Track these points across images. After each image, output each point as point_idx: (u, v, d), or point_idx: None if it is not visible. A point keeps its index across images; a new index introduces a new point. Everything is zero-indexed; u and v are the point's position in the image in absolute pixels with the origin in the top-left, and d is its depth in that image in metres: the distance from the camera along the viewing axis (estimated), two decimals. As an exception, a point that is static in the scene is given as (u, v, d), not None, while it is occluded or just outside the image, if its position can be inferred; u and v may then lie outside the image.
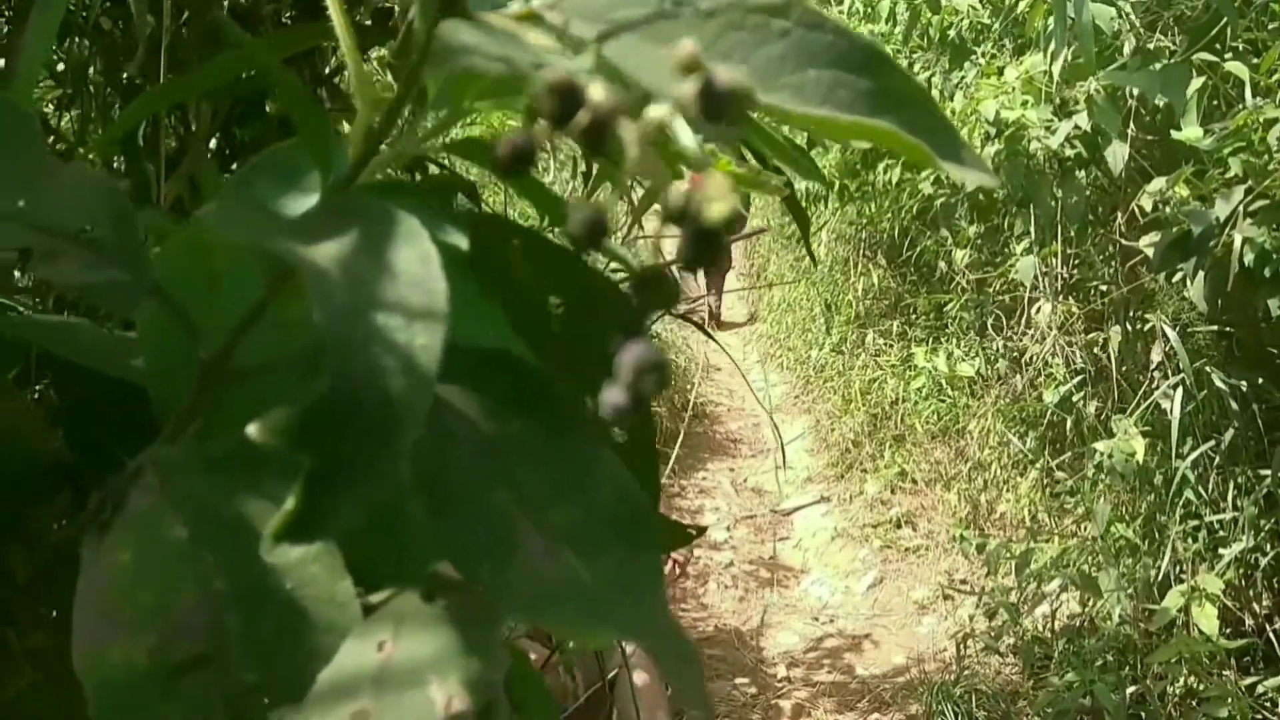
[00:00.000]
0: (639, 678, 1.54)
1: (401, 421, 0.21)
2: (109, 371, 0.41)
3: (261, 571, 0.27)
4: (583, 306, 0.34)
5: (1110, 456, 2.46)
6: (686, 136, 0.37)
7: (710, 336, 0.91)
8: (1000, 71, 2.53)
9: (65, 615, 0.55)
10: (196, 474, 0.29)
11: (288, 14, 0.87)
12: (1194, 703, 2.27)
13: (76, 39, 0.86)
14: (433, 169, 0.86)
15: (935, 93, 2.89)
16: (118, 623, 0.25)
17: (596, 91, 0.19)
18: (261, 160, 0.32)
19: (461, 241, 0.27)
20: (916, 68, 3.06)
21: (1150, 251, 2.23)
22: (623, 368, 0.17)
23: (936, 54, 3.05)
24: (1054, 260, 2.74)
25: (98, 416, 0.49)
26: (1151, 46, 2.07)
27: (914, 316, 3.98)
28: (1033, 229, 2.73)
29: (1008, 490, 3.11)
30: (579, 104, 0.18)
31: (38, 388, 0.66)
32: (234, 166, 0.84)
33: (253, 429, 0.20)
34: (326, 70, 0.91)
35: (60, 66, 0.89)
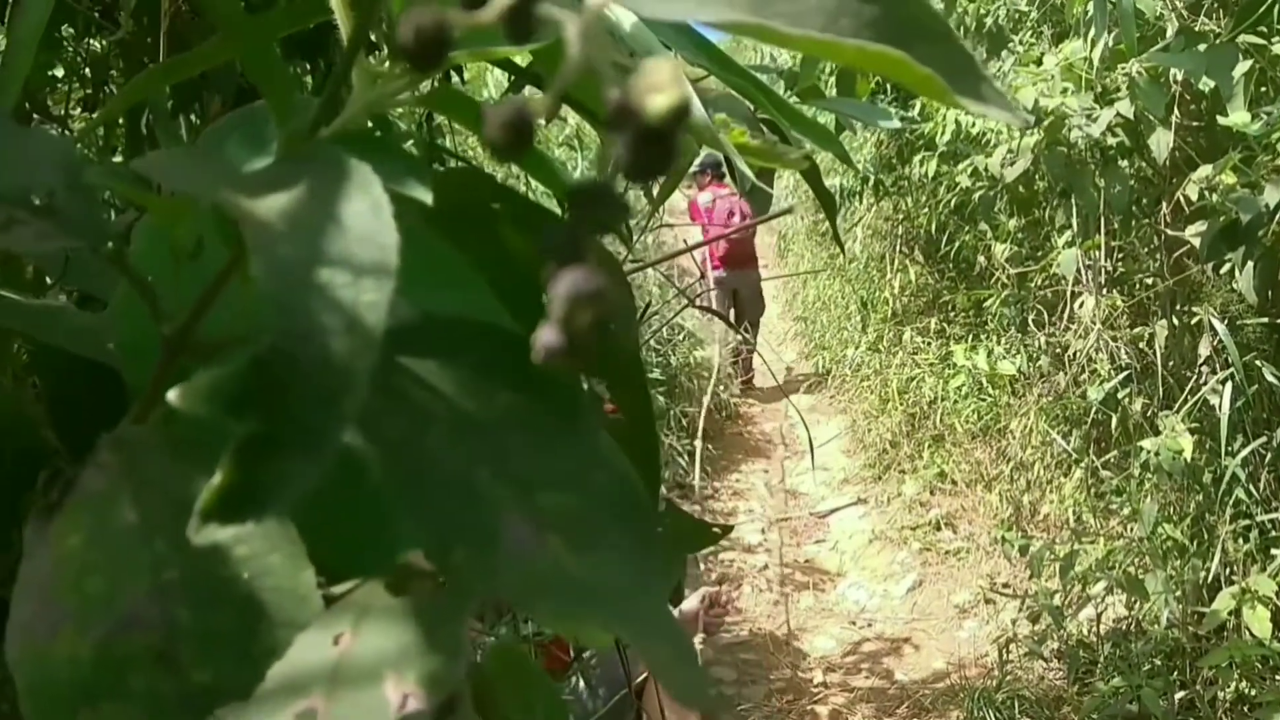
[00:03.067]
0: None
1: (344, 384, 0.19)
2: (91, 356, 0.40)
3: (217, 561, 0.25)
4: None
5: (1157, 455, 2.38)
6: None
7: (736, 327, 0.88)
8: (1039, 59, 2.46)
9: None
10: (159, 456, 0.27)
11: None
12: (1245, 709, 2.19)
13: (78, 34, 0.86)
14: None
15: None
16: (62, 613, 0.23)
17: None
18: (230, 120, 0.30)
19: (425, 197, 0.24)
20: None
21: (1197, 242, 2.15)
22: (556, 300, 0.14)
23: (973, 43, 2.99)
24: (1097, 253, 2.66)
25: (81, 403, 0.47)
26: (1195, 28, 2.00)
27: (952, 313, 3.90)
28: (1074, 221, 2.66)
29: (1051, 491, 3.03)
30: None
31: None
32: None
33: (173, 394, 0.18)
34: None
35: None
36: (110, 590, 0.24)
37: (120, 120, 0.70)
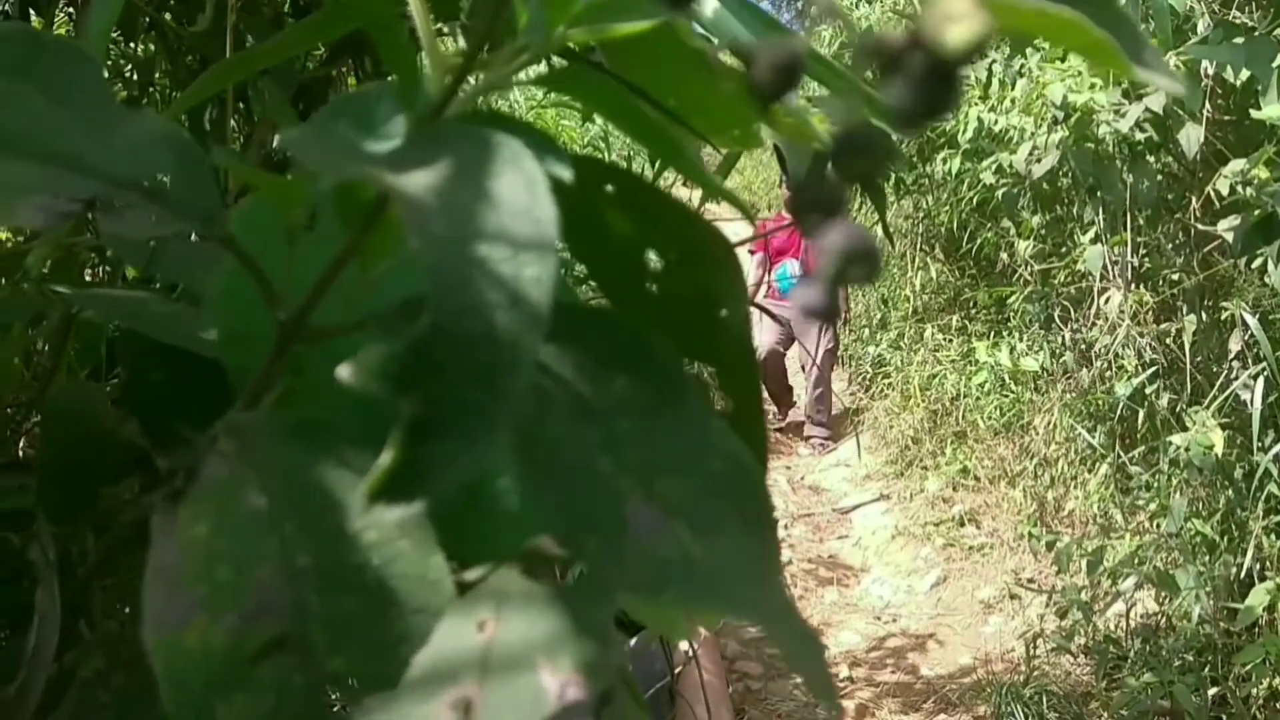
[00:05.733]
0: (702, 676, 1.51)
1: (509, 361, 0.18)
2: (178, 343, 0.40)
3: (346, 547, 0.25)
4: (688, 263, 0.31)
5: (1187, 450, 2.36)
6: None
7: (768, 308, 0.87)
8: (1066, 53, 2.44)
9: (133, 599, 0.54)
10: (277, 441, 0.26)
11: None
12: (1279, 705, 2.17)
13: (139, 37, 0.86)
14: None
15: (997, 79, 2.81)
16: (193, 602, 0.23)
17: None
18: (339, 103, 0.29)
19: (565, 174, 0.24)
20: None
21: (1229, 236, 2.13)
22: (824, 255, 0.14)
23: (998, 37, 2.96)
24: (1123, 248, 2.64)
25: (167, 397, 0.47)
26: (1230, 20, 1.97)
27: (974, 311, 3.88)
28: (1100, 217, 2.63)
29: (1076, 487, 3.00)
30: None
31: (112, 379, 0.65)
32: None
33: (343, 370, 0.18)
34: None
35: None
36: (239, 578, 0.23)
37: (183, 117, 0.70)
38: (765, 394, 3.97)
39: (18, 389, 0.65)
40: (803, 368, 4.38)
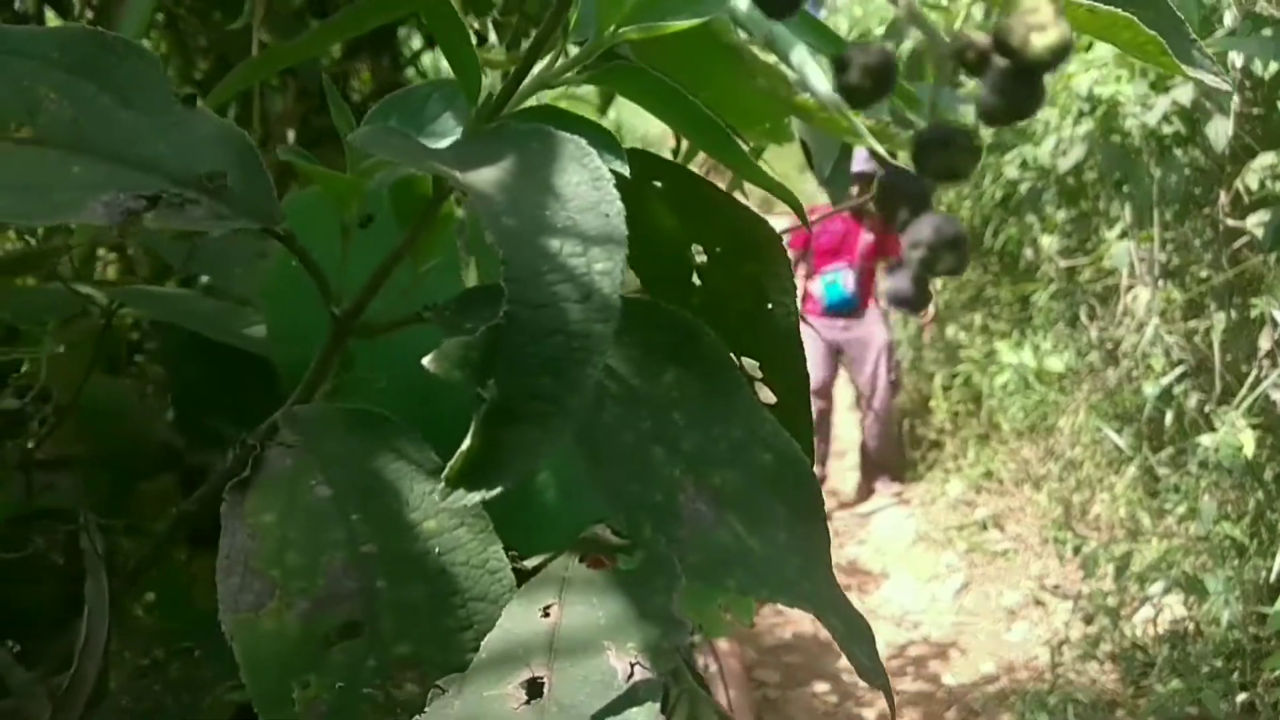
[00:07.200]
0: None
1: (582, 353, 0.19)
2: (218, 338, 0.40)
3: (408, 535, 0.25)
4: (731, 255, 0.31)
5: (1216, 451, 2.33)
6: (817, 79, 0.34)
7: (809, 324, 0.87)
8: (1089, 45, 2.42)
9: (172, 595, 0.54)
10: (337, 432, 0.27)
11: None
12: (1309, 712, 2.14)
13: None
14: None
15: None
16: (266, 586, 0.24)
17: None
18: (389, 101, 0.30)
19: (623, 169, 0.24)
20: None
21: (1259, 232, 2.10)
22: (913, 245, 0.14)
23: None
24: (1150, 244, 2.62)
25: (203, 393, 0.48)
26: (1258, 12, 1.96)
27: (997, 309, 3.85)
28: (1127, 212, 2.61)
29: (1102, 490, 2.97)
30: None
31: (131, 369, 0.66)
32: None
33: (428, 361, 0.18)
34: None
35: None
36: (310, 565, 0.24)
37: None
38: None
39: (59, 386, 0.67)
40: (857, 402, 3.53)
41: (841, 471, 4.07)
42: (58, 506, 0.52)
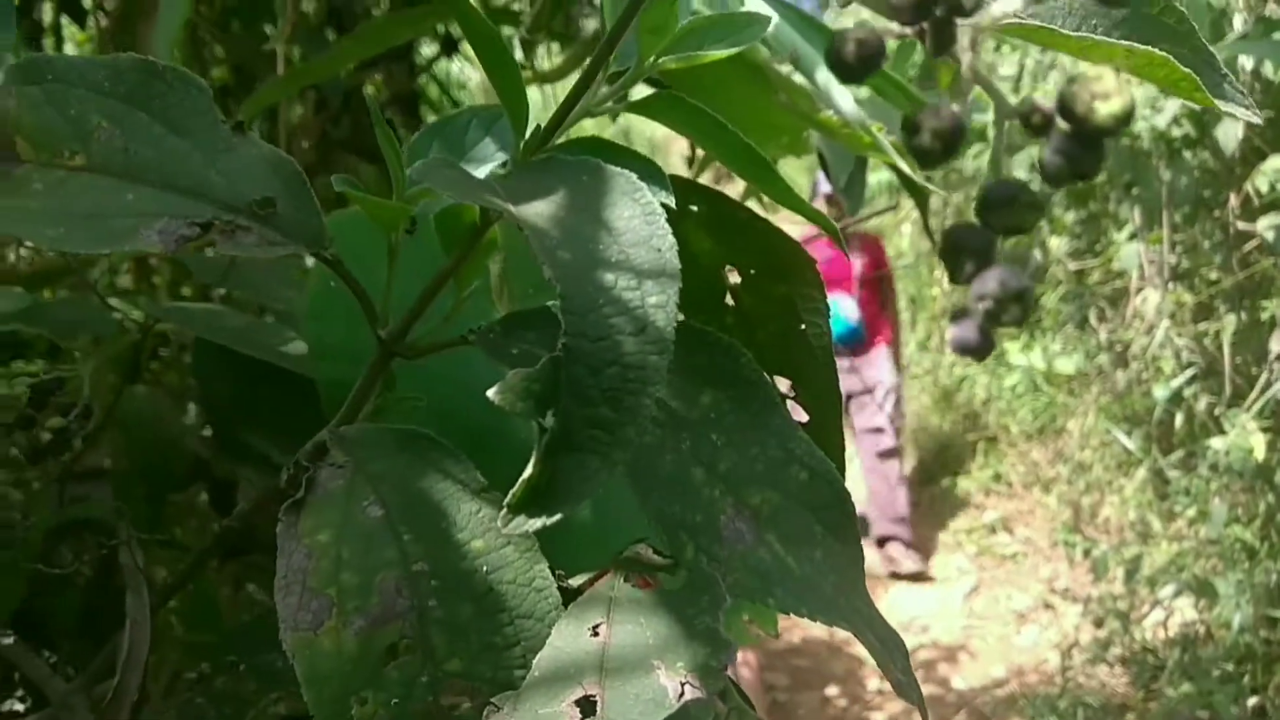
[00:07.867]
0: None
1: (638, 383, 0.20)
2: (257, 355, 0.41)
3: (457, 554, 0.26)
4: (764, 276, 0.32)
5: (1226, 454, 2.33)
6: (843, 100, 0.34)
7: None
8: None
9: (204, 608, 0.55)
10: (387, 452, 0.28)
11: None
12: (1321, 716, 2.14)
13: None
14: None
15: (1028, 74, 2.79)
16: (324, 605, 0.24)
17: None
18: (430, 129, 0.31)
19: (670, 201, 0.25)
20: (1006, 48, 2.96)
21: (1269, 235, 2.10)
22: (979, 297, 0.15)
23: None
24: (1160, 247, 2.61)
25: (238, 409, 0.49)
26: (1269, 15, 1.96)
27: (1005, 312, 3.84)
28: (1136, 214, 2.61)
29: (1112, 492, 2.97)
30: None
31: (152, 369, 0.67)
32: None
33: (493, 393, 0.19)
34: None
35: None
36: (364, 583, 0.25)
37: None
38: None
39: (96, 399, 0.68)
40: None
41: (851, 480, 4.05)
42: (92, 518, 0.53)
